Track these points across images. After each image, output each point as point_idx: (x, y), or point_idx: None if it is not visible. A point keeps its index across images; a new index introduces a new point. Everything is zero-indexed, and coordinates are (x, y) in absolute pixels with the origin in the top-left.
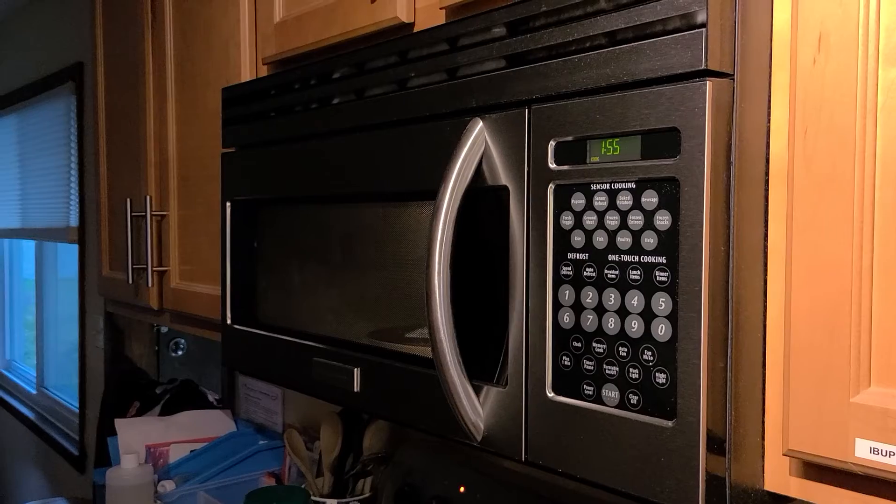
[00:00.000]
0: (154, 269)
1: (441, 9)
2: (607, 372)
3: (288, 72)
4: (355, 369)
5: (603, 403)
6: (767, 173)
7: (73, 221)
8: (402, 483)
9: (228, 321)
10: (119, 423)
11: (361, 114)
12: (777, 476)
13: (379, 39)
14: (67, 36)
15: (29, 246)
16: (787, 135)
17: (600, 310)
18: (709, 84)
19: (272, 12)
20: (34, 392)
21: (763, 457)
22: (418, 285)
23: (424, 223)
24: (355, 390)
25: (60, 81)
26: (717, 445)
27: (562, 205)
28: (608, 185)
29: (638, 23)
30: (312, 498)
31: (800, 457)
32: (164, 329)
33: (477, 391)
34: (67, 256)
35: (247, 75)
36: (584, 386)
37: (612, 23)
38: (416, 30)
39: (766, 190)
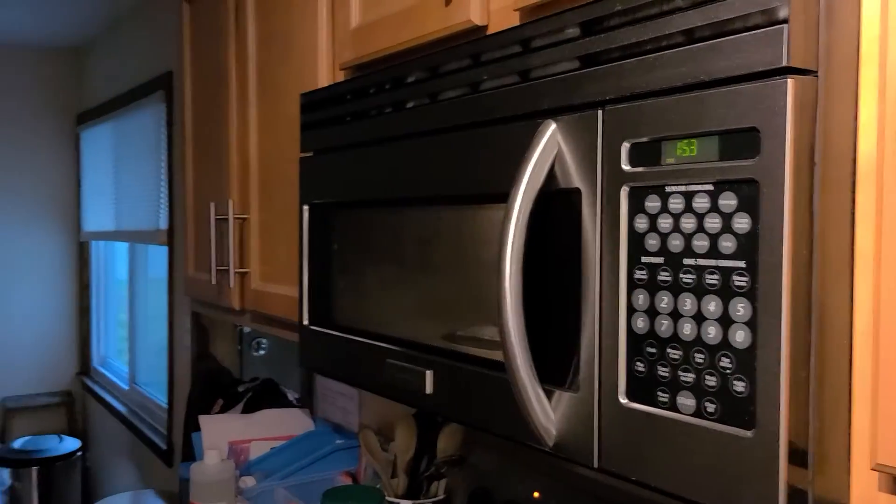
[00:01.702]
0: (236, 270)
1: (515, 10)
2: (683, 379)
3: (363, 77)
4: (427, 371)
5: (678, 411)
6: (854, 175)
7: (163, 224)
8: (475, 486)
9: (305, 322)
10: (203, 420)
11: (434, 117)
12: (864, 491)
13: (451, 43)
14: (158, 48)
15: (122, 248)
16: (876, 134)
17: (676, 315)
18: (790, 82)
19: (348, 19)
20: (126, 388)
21: (849, 471)
22: (490, 288)
23: (496, 226)
24: (427, 392)
25: (151, 91)
26: (798, 457)
27: (636, 207)
28: (684, 186)
29: (716, 20)
30: (387, 498)
31: (889, 471)
32: (246, 329)
33: (548, 395)
34: (158, 258)
35: (324, 81)
36: (659, 393)
37: (689, 21)
38: (488, 32)
39: (853, 192)
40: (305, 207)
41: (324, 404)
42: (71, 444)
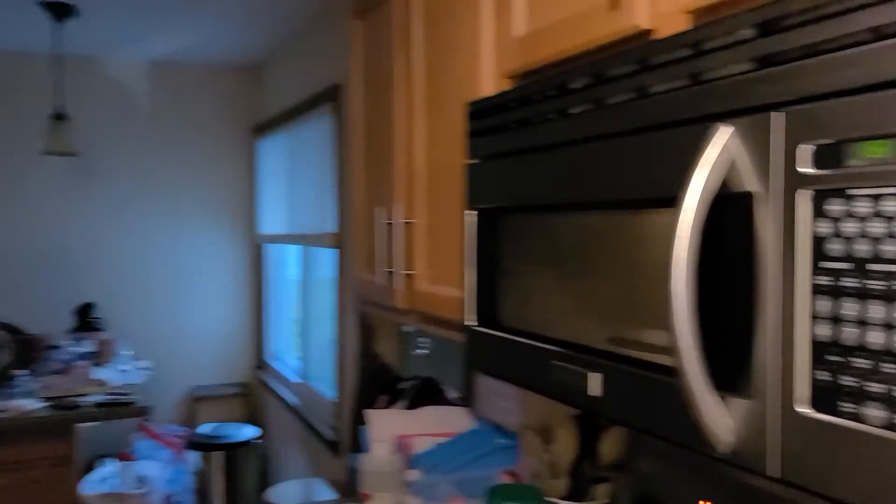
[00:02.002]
0: (402, 272)
1: (688, 13)
2: (870, 389)
3: (528, 84)
4: (593, 374)
5: (866, 423)
6: None
7: (332, 228)
8: (640, 492)
9: (470, 323)
10: (370, 414)
11: (600, 123)
12: None
13: (618, 48)
14: (326, 63)
15: (294, 250)
16: None
17: (862, 323)
18: None
19: (513, 29)
20: (297, 381)
21: None
22: (657, 292)
23: (664, 230)
24: (593, 394)
25: (320, 103)
26: None
27: (817, 211)
28: (871, 189)
29: None
30: (548, 499)
31: None
32: (408, 328)
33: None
34: (326, 260)
35: (486, 89)
36: (843, 403)
37: (878, 17)
38: (654, 36)
39: None
40: (471, 212)
41: (484, 404)
42: (250, 431)
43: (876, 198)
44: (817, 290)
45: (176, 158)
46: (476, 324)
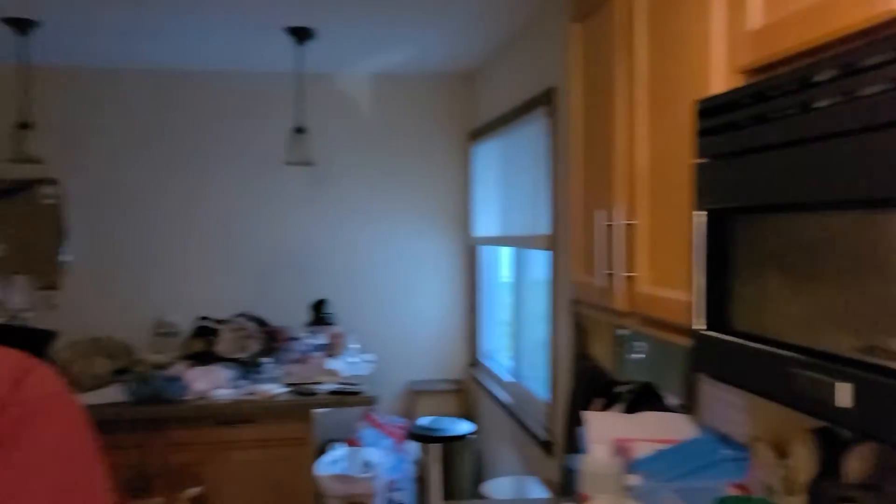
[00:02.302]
0: (623, 274)
1: None
2: None
3: (766, 80)
4: (842, 384)
5: None
6: None
7: (546, 230)
8: None
9: (699, 327)
10: (588, 416)
11: (846, 117)
12: None
13: (870, 36)
14: (540, 67)
15: (507, 252)
16: None
17: None
18: None
19: (748, 21)
20: (509, 381)
21: None
22: None
23: None
24: (841, 406)
25: (535, 107)
26: None
27: None
28: None
29: None
30: None
31: None
32: (624, 331)
33: None
34: (539, 261)
35: (716, 85)
36: None
37: None
38: None
39: None
40: (700, 213)
41: (708, 411)
42: (465, 426)
43: None
44: None
45: (397, 165)
46: (705, 327)
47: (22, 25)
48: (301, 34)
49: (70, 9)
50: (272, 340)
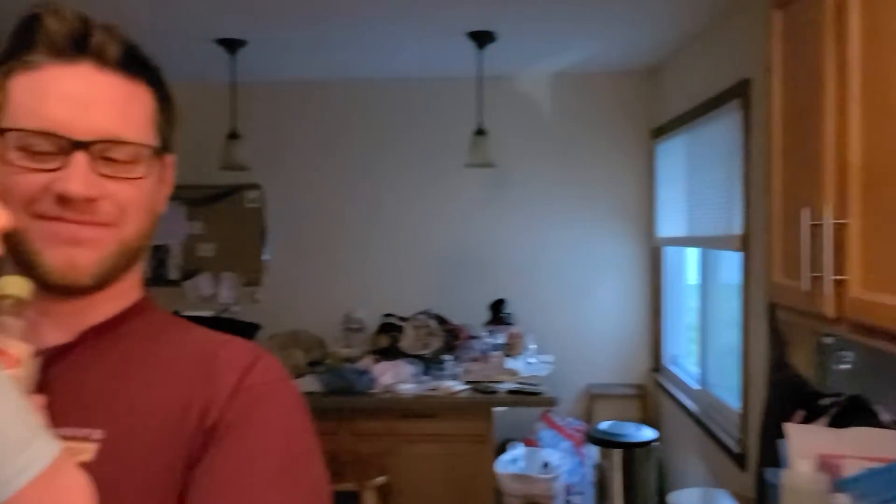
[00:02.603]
0: (832, 277)
1: None
2: None
3: None
4: None
5: None
6: None
7: (737, 230)
8: None
9: None
10: (790, 428)
11: None
12: None
13: None
14: (733, 58)
15: (693, 253)
16: None
17: None
18: None
19: None
20: (696, 388)
21: None
22: None
23: None
24: None
25: (726, 100)
26: None
27: None
28: None
29: None
30: None
31: None
32: (828, 339)
33: None
34: (729, 263)
35: None
36: None
37: None
38: None
39: None
40: None
41: None
42: (648, 433)
43: None
44: None
45: (577, 165)
46: None
47: (232, 46)
48: (482, 38)
49: (273, 27)
50: (453, 338)
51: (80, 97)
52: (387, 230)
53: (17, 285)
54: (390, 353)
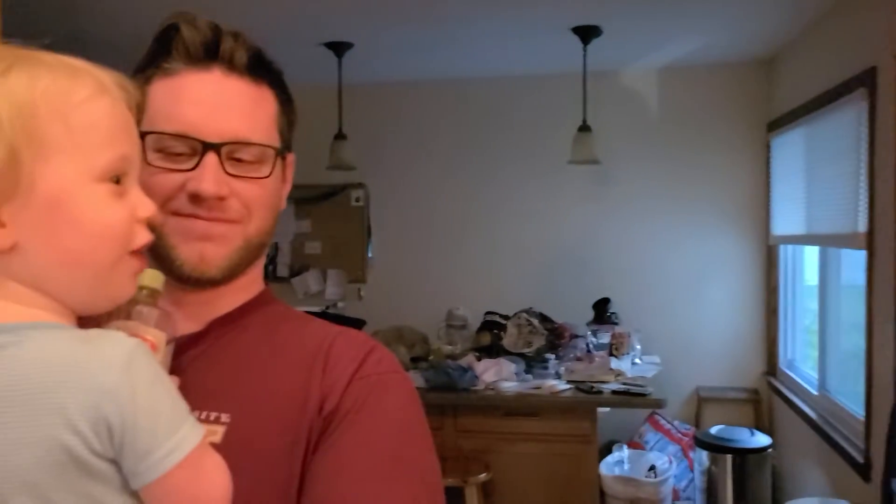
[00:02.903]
0: None
1: None
2: None
3: None
4: None
5: None
6: None
7: (861, 227)
8: None
9: None
10: None
11: None
12: None
13: None
14: (856, 46)
15: (811, 252)
16: None
17: None
18: None
19: None
20: (815, 393)
21: None
22: None
23: None
24: None
25: (850, 90)
26: None
27: None
28: None
29: None
30: None
31: None
32: None
33: None
34: (851, 262)
35: None
36: None
37: None
38: None
39: None
40: None
41: None
42: (762, 439)
43: None
44: None
45: (685, 161)
46: None
47: (339, 49)
48: (587, 33)
49: (379, 29)
50: (555, 337)
51: (212, 101)
52: (490, 227)
53: (152, 277)
54: (492, 350)
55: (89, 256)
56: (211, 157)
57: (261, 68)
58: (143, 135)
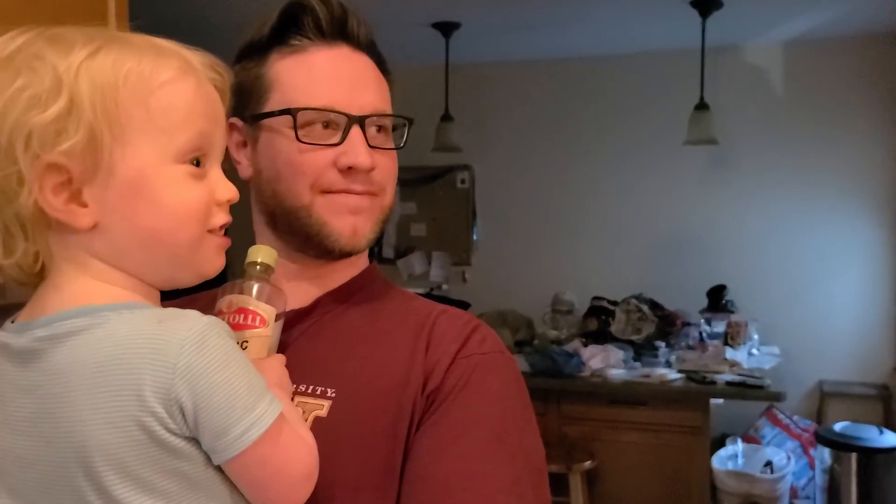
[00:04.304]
0: None
1: None
2: None
3: None
4: None
5: None
6: None
7: None
8: None
9: None
10: None
11: None
12: None
13: None
14: None
15: None
16: None
17: None
18: None
19: None
20: None
21: None
22: None
23: None
24: None
25: None
26: None
27: None
28: None
29: None
30: None
31: None
32: None
33: None
34: None
35: None
36: None
37: None
38: None
39: None
40: None
41: None
42: (891, 438)
43: None
44: None
45: (812, 141)
46: None
47: (446, 29)
48: (706, 5)
49: (487, 8)
50: (666, 324)
51: (349, 76)
52: (598, 210)
53: (266, 253)
54: (599, 336)
55: (168, 236)
56: (356, 131)
57: (373, 47)
58: (288, 111)
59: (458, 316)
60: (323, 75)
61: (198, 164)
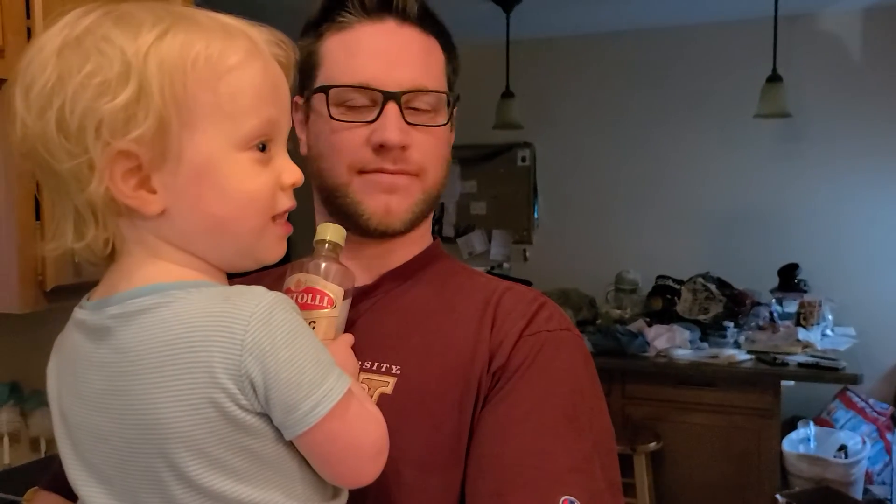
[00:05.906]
0: None
1: None
2: None
3: None
4: None
5: None
6: None
7: None
8: None
9: None
10: None
11: None
12: None
13: None
14: None
15: None
16: None
17: None
18: None
19: None
20: None
21: None
22: None
23: None
24: None
25: None
26: None
27: None
28: None
29: None
30: None
31: None
32: None
33: None
34: None
35: None
36: None
37: None
38: None
39: None
40: None
41: None
42: None
43: None
44: None
45: (888, 112)
46: None
47: (507, 4)
48: None
49: None
50: (735, 304)
51: (389, 52)
52: (663, 187)
53: (335, 232)
54: (664, 316)
55: (233, 224)
56: (392, 107)
57: (428, 18)
58: (322, 89)
59: (524, 293)
60: (362, 51)
61: (263, 148)
